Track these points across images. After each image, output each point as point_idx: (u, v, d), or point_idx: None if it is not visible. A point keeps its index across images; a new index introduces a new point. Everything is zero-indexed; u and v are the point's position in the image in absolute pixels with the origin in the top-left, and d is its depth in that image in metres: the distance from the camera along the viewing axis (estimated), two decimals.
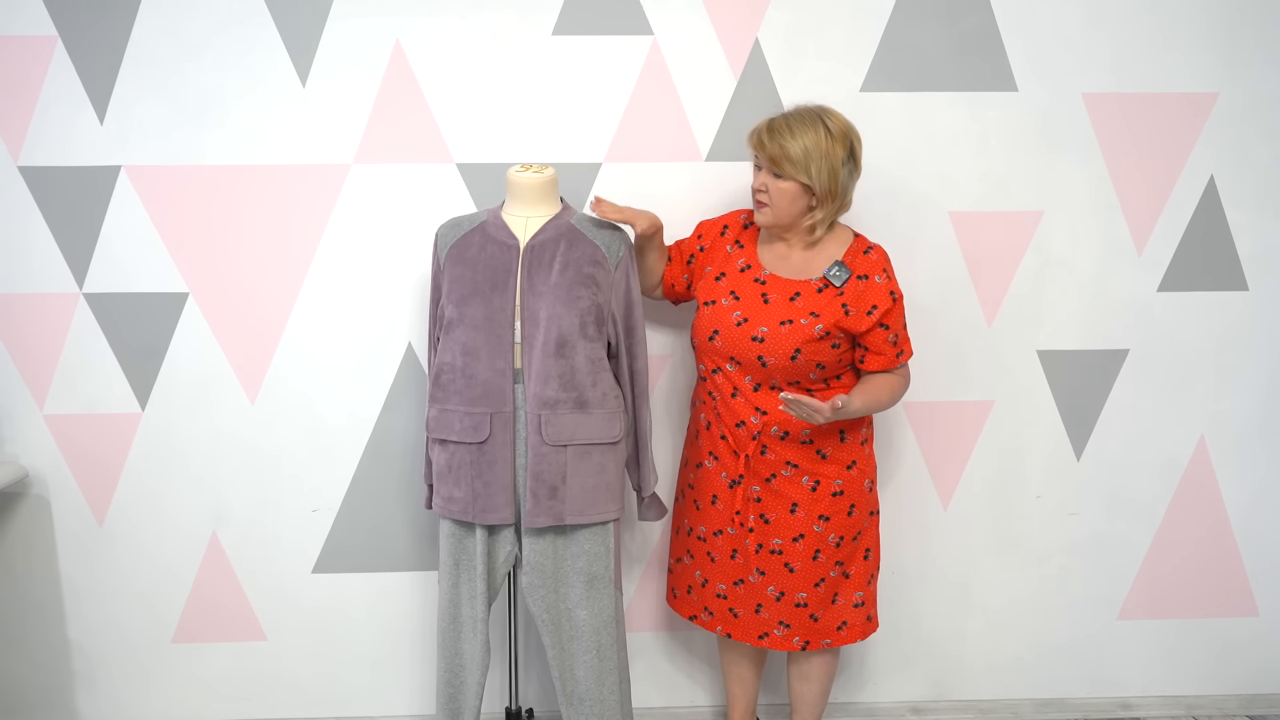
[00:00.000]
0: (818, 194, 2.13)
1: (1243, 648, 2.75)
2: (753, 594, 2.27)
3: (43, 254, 2.46)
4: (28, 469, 2.53)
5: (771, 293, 2.17)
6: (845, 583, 2.26)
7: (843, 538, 2.23)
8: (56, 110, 2.41)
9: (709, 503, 2.29)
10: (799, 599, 2.24)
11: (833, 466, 2.20)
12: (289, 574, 2.61)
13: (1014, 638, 2.73)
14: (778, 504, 2.21)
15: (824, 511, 2.21)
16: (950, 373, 2.59)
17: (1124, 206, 2.55)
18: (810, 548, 2.22)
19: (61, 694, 2.64)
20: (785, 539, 2.22)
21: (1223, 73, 2.51)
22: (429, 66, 2.43)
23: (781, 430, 2.17)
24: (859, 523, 2.24)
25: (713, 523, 2.29)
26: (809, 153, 2.09)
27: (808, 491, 2.20)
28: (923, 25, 2.46)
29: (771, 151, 2.11)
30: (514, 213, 2.20)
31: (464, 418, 2.13)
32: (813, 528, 2.21)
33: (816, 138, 2.09)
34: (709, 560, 2.31)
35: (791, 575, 2.23)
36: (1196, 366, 2.62)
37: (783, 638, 2.27)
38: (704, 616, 2.35)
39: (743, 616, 2.29)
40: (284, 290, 2.50)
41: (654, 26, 2.44)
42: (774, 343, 2.13)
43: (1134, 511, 2.68)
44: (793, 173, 2.10)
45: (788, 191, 2.13)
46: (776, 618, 2.26)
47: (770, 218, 2.17)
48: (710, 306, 2.22)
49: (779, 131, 2.11)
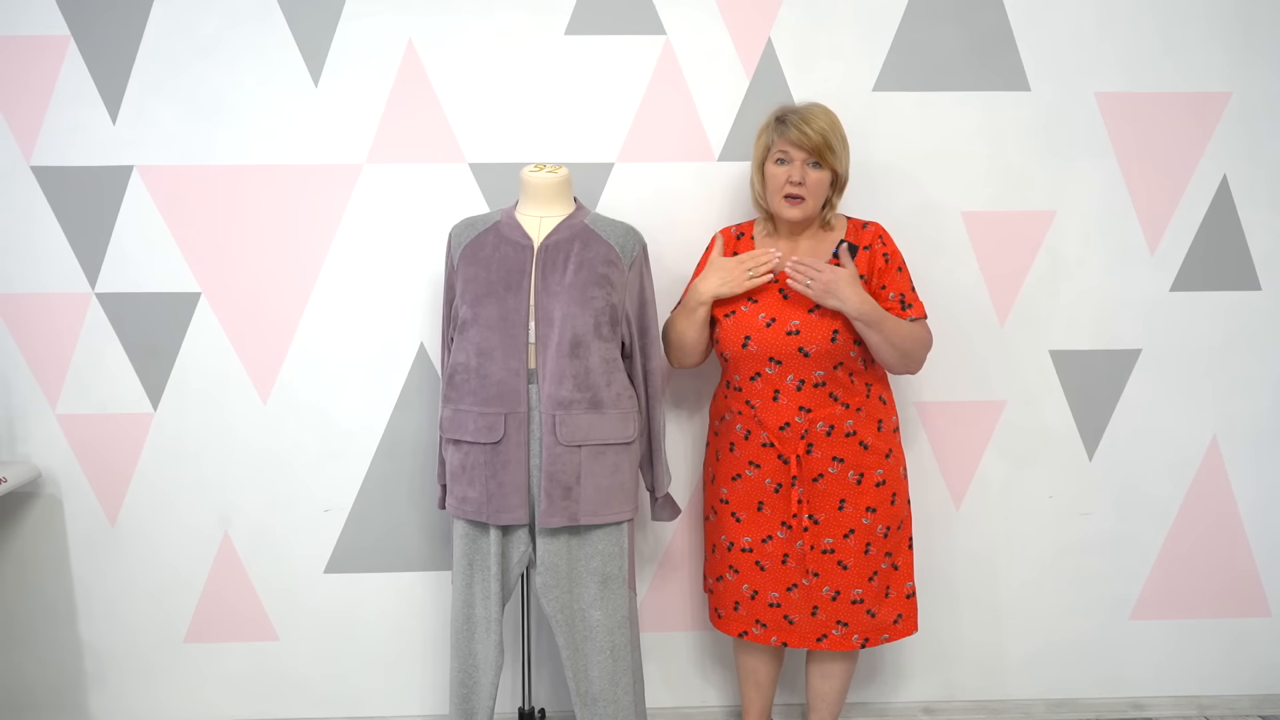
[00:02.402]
0: (840, 180, 2.17)
1: (1255, 648, 2.75)
2: (808, 597, 2.24)
3: (55, 254, 2.46)
4: (40, 469, 2.53)
5: (788, 288, 2.17)
6: (895, 574, 2.27)
7: (889, 528, 2.23)
8: (69, 110, 2.41)
9: (754, 511, 2.25)
10: (855, 595, 2.23)
11: (873, 457, 2.21)
12: (301, 574, 2.61)
13: (1026, 637, 2.73)
14: (825, 503, 2.21)
15: (870, 503, 2.21)
16: (962, 372, 2.59)
17: (1136, 206, 2.55)
18: (861, 542, 2.21)
19: (73, 693, 2.64)
20: (836, 536, 2.21)
21: (1235, 72, 2.51)
22: (441, 66, 2.43)
23: (827, 426, 2.17)
24: (901, 511, 2.26)
25: (759, 530, 2.25)
26: (840, 138, 2.14)
27: (853, 486, 2.20)
28: (935, 25, 2.46)
29: (815, 141, 2.11)
30: (528, 213, 2.20)
31: (478, 418, 2.13)
32: (861, 521, 2.21)
33: (835, 121, 2.14)
34: (758, 570, 2.27)
35: (845, 573, 2.22)
36: (1209, 366, 2.62)
37: (842, 637, 2.24)
38: (756, 630, 2.30)
39: (799, 622, 2.26)
40: (296, 290, 2.50)
41: (666, 26, 2.44)
42: (810, 331, 2.13)
43: (1146, 511, 2.68)
44: (832, 160, 2.13)
45: (823, 181, 2.15)
46: (834, 617, 2.24)
47: (806, 211, 2.17)
48: (731, 317, 2.20)
49: (811, 120, 2.12)
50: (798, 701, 2.71)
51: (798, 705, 2.71)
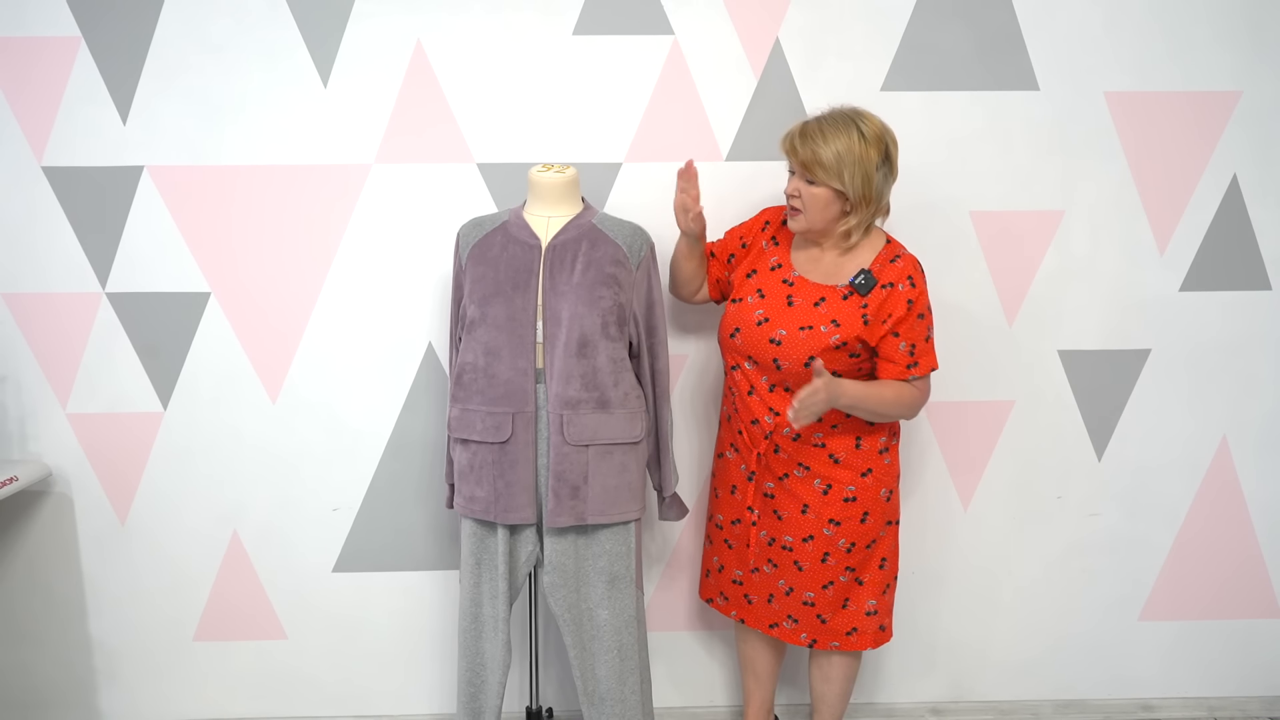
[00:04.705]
0: (851, 200, 2.07)
1: (1265, 649, 2.74)
2: (765, 583, 2.28)
3: (66, 254, 2.47)
4: (50, 467, 2.54)
5: (797, 296, 2.15)
6: (857, 589, 2.25)
7: (854, 544, 2.21)
8: (80, 110, 2.42)
9: (728, 492, 2.31)
10: (806, 597, 2.24)
11: (846, 472, 2.18)
12: (309, 573, 2.62)
13: (1034, 638, 2.72)
14: (790, 503, 2.21)
15: (834, 515, 2.19)
16: (971, 373, 2.58)
17: (1146, 206, 2.54)
18: (819, 550, 2.21)
19: (83, 691, 2.65)
20: (795, 538, 2.22)
21: (1246, 71, 2.50)
22: (450, 66, 2.43)
23: (794, 432, 2.17)
24: (873, 531, 2.22)
25: (730, 512, 2.31)
26: (841, 158, 2.03)
27: (819, 494, 2.19)
28: (943, 25, 2.45)
29: (803, 157, 2.05)
30: (536, 212, 2.20)
31: (486, 417, 2.13)
32: (822, 530, 2.20)
33: (849, 142, 2.03)
34: (726, 547, 2.34)
35: (800, 574, 2.24)
36: (1219, 367, 2.61)
37: (791, 631, 2.28)
38: (720, 600, 2.39)
39: (756, 604, 2.31)
40: (305, 290, 2.51)
41: (675, 26, 2.44)
42: (790, 347, 2.11)
43: (1155, 512, 2.67)
44: (825, 179, 2.05)
45: (820, 197, 2.08)
46: (786, 611, 2.27)
47: (803, 224, 2.12)
48: (736, 304, 2.21)
49: (811, 136, 2.05)
50: (804, 702, 2.71)
51: (804, 706, 2.71)
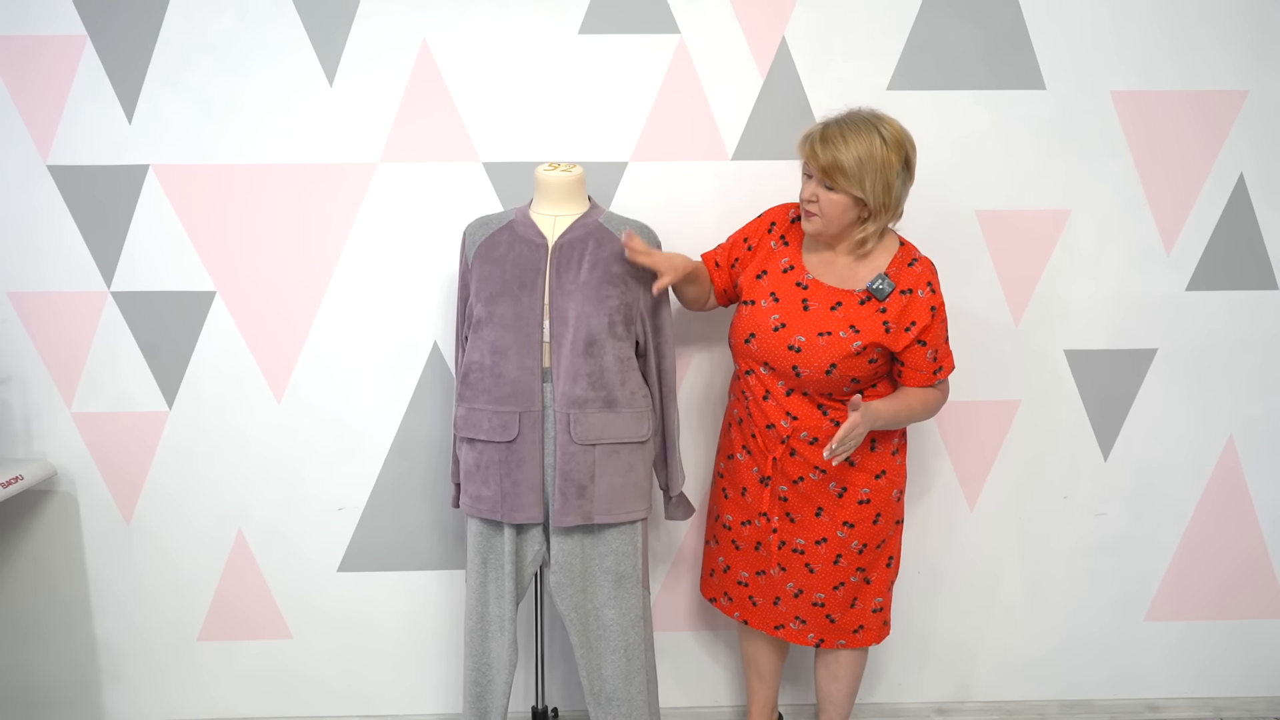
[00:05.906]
0: (871, 207, 2.03)
1: (1272, 649, 2.73)
2: (772, 587, 2.28)
3: (71, 253, 2.47)
4: (55, 467, 2.54)
5: (813, 300, 2.11)
6: (866, 588, 2.26)
7: (866, 545, 2.22)
8: (85, 109, 2.42)
9: (739, 494, 2.29)
10: (817, 599, 2.24)
11: (861, 474, 2.18)
12: (314, 572, 2.62)
13: (1040, 638, 2.72)
14: (804, 506, 2.21)
15: (849, 518, 2.19)
16: (977, 372, 2.58)
17: (1152, 205, 2.54)
18: (832, 552, 2.21)
19: (88, 690, 2.65)
20: (809, 540, 2.22)
21: (1252, 70, 2.49)
22: (456, 65, 2.43)
23: (811, 436, 2.16)
24: (884, 531, 2.23)
25: (740, 513, 2.30)
26: (863, 164, 1.97)
27: (834, 497, 2.19)
28: (950, 23, 2.45)
29: (824, 162, 1.99)
30: (542, 211, 2.20)
31: (492, 416, 2.13)
32: (836, 533, 2.20)
33: (871, 147, 1.98)
34: (733, 548, 2.33)
35: (812, 575, 2.23)
36: (1225, 366, 2.61)
37: (798, 632, 2.28)
38: (724, 601, 2.38)
39: (761, 606, 2.31)
40: (310, 289, 2.50)
41: (681, 25, 2.43)
42: (810, 354, 2.09)
43: (1162, 512, 2.67)
44: (846, 186, 1.99)
45: (839, 203, 2.02)
46: (793, 613, 2.27)
47: (819, 227, 2.08)
48: (749, 307, 2.19)
49: (832, 141, 1.99)
50: (809, 702, 2.71)
51: (809, 705, 2.70)
